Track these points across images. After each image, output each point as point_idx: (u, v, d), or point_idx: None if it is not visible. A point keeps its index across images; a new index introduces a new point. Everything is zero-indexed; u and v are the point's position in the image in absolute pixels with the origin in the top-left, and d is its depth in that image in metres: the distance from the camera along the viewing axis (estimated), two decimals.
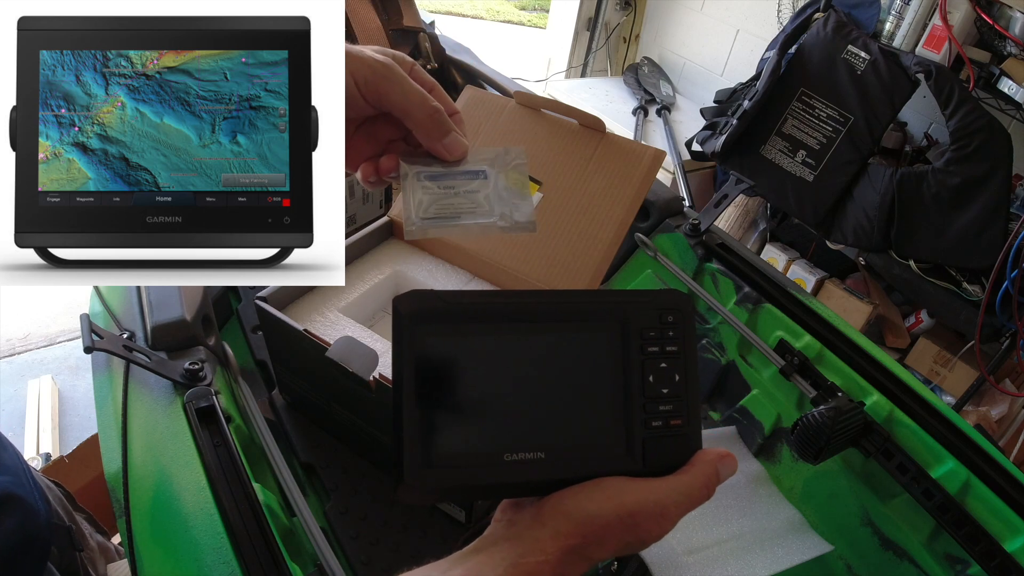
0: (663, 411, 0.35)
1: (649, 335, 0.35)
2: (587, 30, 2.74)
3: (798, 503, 0.78)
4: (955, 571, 0.69)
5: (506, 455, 0.32)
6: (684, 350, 0.35)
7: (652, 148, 0.74)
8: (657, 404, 0.34)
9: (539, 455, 0.33)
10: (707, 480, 0.35)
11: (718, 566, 0.60)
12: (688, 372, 0.35)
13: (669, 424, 0.34)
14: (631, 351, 0.35)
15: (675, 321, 0.36)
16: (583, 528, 0.31)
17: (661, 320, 0.35)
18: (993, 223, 1.46)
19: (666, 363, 0.35)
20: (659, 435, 0.34)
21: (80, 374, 1.79)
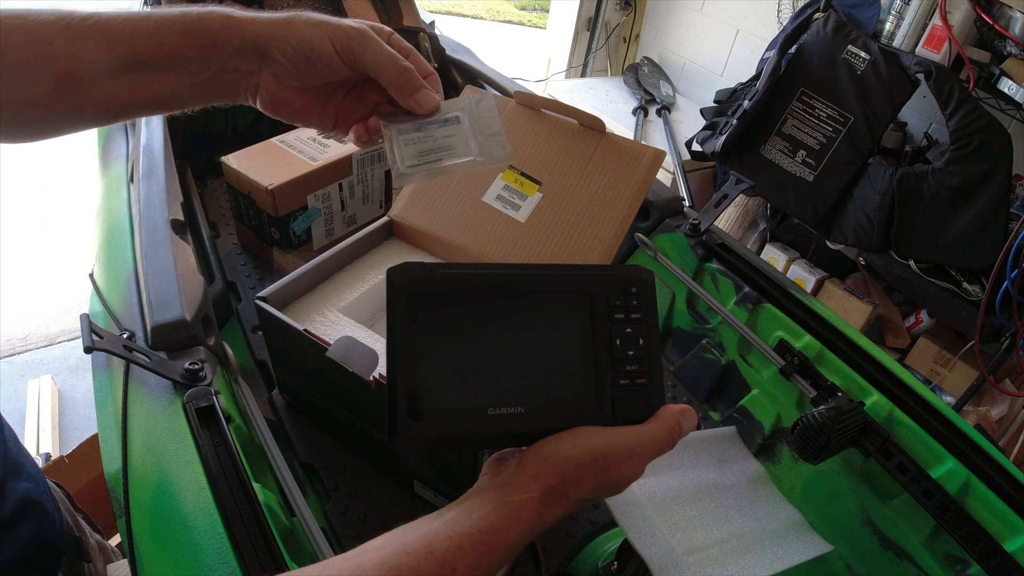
0: (629, 371, 0.39)
1: (615, 303, 0.40)
2: (587, 30, 2.74)
3: (798, 503, 0.78)
4: (955, 571, 0.69)
5: (489, 409, 0.36)
6: (646, 318, 0.40)
7: (652, 148, 0.74)
8: (624, 364, 0.39)
9: (519, 409, 0.37)
10: (670, 429, 0.38)
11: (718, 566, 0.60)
12: (650, 337, 0.40)
13: (635, 382, 0.39)
14: (599, 318, 0.39)
15: (638, 292, 0.40)
16: (561, 468, 0.35)
17: (626, 291, 0.40)
18: (993, 223, 1.46)
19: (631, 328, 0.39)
20: (626, 392, 0.38)
21: (80, 374, 1.79)
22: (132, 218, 0.82)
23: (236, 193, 0.95)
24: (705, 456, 0.76)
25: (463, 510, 0.34)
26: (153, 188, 0.84)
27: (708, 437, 0.80)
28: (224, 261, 0.98)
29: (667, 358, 0.99)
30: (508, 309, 0.38)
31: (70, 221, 2.29)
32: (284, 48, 0.43)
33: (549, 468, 0.35)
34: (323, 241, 1.02)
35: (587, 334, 0.39)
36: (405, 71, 0.44)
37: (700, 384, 0.93)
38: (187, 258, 0.75)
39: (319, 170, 0.94)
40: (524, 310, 0.38)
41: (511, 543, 0.33)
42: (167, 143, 0.94)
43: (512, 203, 0.75)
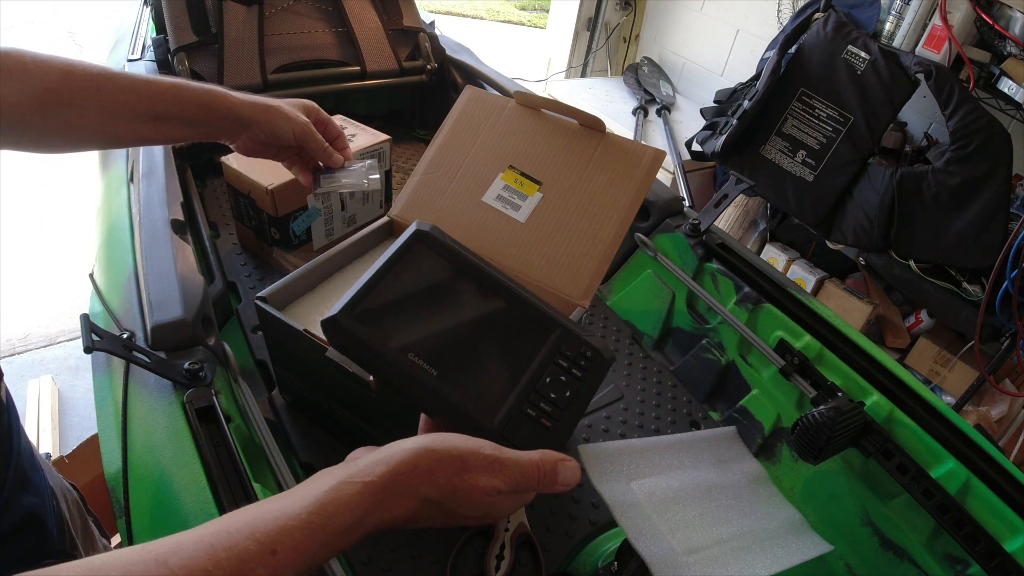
0: (542, 407, 0.41)
1: (566, 353, 0.43)
2: (587, 30, 2.74)
3: (798, 503, 0.78)
4: (955, 571, 0.69)
5: (411, 353, 0.39)
6: (583, 385, 0.43)
7: (652, 148, 0.74)
8: (540, 399, 0.41)
9: (432, 371, 0.39)
10: (540, 466, 0.37)
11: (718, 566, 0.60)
12: (578, 399, 0.42)
13: (540, 420, 0.40)
14: (547, 354, 0.42)
15: (592, 360, 0.43)
16: (416, 458, 0.34)
17: (581, 351, 0.43)
18: (993, 223, 1.46)
19: (565, 379, 0.42)
20: (527, 420, 0.40)
21: (80, 374, 1.79)
22: (132, 218, 0.82)
23: (236, 193, 0.95)
24: (705, 456, 0.76)
25: (301, 489, 0.33)
26: (153, 188, 0.84)
27: (708, 437, 0.80)
28: (224, 261, 0.98)
29: (667, 358, 0.99)
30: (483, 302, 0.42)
31: (70, 221, 2.29)
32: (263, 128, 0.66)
33: (404, 455, 0.34)
34: (323, 241, 1.02)
35: (530, 359, 0.41)
36: (325, 149, 0.72)
37: (700, 384, 0.93)
38: (187, 258, 0.74)
39: None
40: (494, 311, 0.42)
41: (341, 528, 0.31)
42: None
43: (512, 203, 0.75)
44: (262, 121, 0.65)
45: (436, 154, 0.79)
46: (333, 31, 1.33)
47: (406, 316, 0.41)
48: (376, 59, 1.35)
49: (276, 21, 1.27)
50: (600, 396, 0.90)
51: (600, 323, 1.02)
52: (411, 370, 0.39)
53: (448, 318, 0.41)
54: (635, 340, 1.00)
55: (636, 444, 0.69)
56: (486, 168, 0.77)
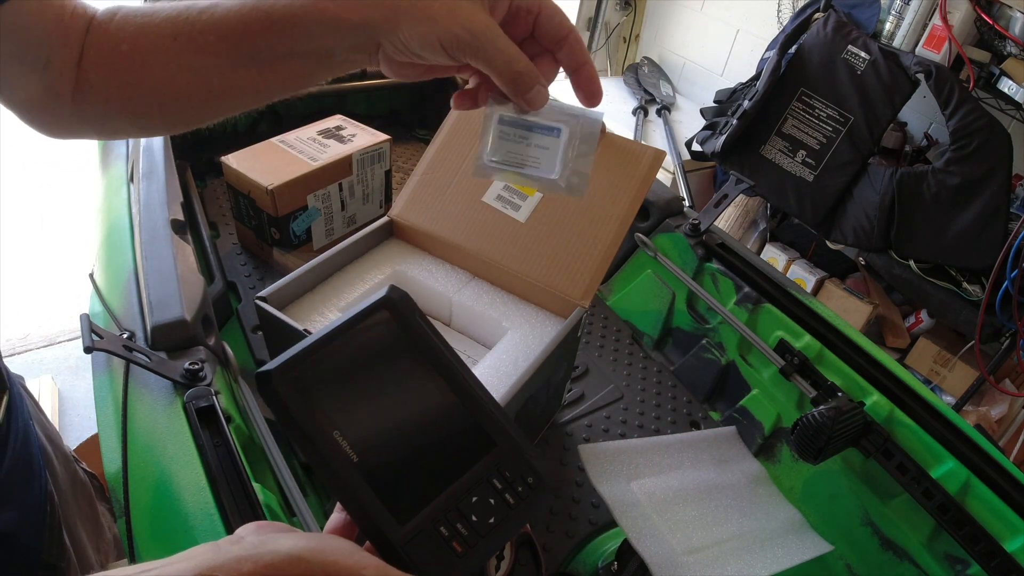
0: (457, 529, 0.36)
1: (504, 474, 0.38)
2: (587, 30, 2.74)
3: (798, 503, 0.78)
4: (955, 571, 0.69)
5: (336, 432, 0.35)
6: (517, 512, 0.37)
7: (652, 148, 0.74)
8: (457, 520, 0.36)
9: (353, 456, 0.35)
10: None
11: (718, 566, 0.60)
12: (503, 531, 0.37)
13: (451, 542, 0.35)
14: (485, 469, 0.37)
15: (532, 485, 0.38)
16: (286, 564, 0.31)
17: (523, 474, 0.38)
18: (993, 223, 1.46)
19: (494, 502, 0.37)
20: (436, 540, 0.35)
21: (80, 374, 1.79)
22: (132, 218, 0.82)
23: (236, 193, 0.95)
24: (705, 456, 0.76)
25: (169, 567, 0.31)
26: (153, 188, 0.84)
27: (708, 437, 0.80)
28: (224, 261, 0.98)
29: (667, 358, 0.99)
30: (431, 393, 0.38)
31: (70, 221, 2.29)
32: (394, 43, 0.41)
33: (275, 560, 0.31)
34: (323, 241, 1.02)
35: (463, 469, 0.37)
36: (517, 75, 0.42)
37: (700, 384, 0.93)
38: (187, 258, 0.75)
39: (319, 170, 0.94)
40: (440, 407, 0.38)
41: None
42: (167, 143, 0.94)
43: (512, 203, 0.75)
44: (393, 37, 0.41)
45: (436, 154, 0.79)
46: None
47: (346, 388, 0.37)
48: None
49: None
50: (600, 396, 0.90)
51: (600, 323, 1.02)
52: (331, 450, 0.35)
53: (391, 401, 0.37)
54: (635, 340, 1.00)
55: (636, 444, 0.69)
56: None
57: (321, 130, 1.02)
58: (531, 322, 0.73)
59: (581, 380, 0.91)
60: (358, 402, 0.36)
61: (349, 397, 0.36)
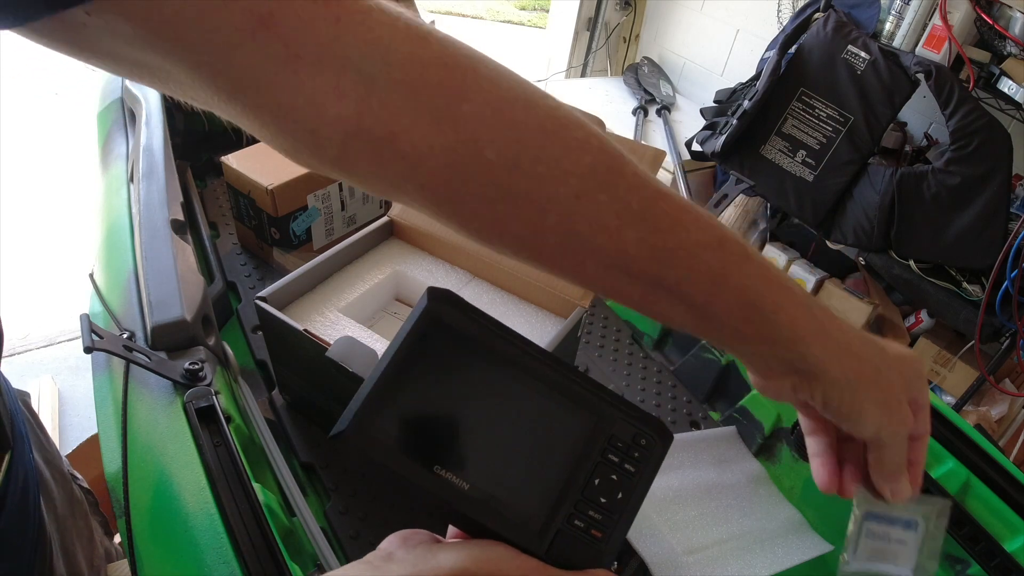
0: (591, 516, 0.35)
1: (616, 444, 0.36)
2: (587, 30, 2.74)
3: (798, 503, 0.78)
4: (955, 571, 0.69)
5: (436, 467, 0.33)
6: (640, 477, 0.36)
7: (652, 148, 0.74)
8: (588, 507, 0.35)
9: (463, 485, 0.33)
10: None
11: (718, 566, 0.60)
12: (634, 498, 0.36)
13: (589, 531, 0.35)
14: (593, 448, 0.36)
15: (647, 446, 0.37)
16: (440, 571, 0.30)
17: (635, 439, 0.36)
18: (993, 223, 1.46)
19: (616, 476, 0.36)
20: (574, 535, 0.34)
21: (80, 374, 1.79)
22: (132, 218, 0.82)
23: (236, 193, 0.95)
24: (705, 456, 0.76)
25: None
26: (153, 188, 0.84)
27: (708, 437, 0.80)
28: (224, 261, 0.98)
29: (667, 358, 0.99)
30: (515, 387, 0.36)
31: (70, 221, 2.29)
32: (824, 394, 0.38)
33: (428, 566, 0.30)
34: (323, 241, 1.02)
35: (572, 457, 0.35)
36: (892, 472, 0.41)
37: (700, 384, 0.93)
38: (187, 258, 0.75)
39: None
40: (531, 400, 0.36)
41: None
42: (167, 143, 0.94)
43: None
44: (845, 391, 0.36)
45: None
46: None
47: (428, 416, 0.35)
48: None
49: None
50: None
51: (600, 323, 1.02)
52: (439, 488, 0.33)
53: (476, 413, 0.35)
54: (635, 340, 1.00)
55: None
56: None
57: None
58: (531, 322, 0.73)
59: None
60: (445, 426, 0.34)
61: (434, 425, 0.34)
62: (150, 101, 1.04)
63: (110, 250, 0.80)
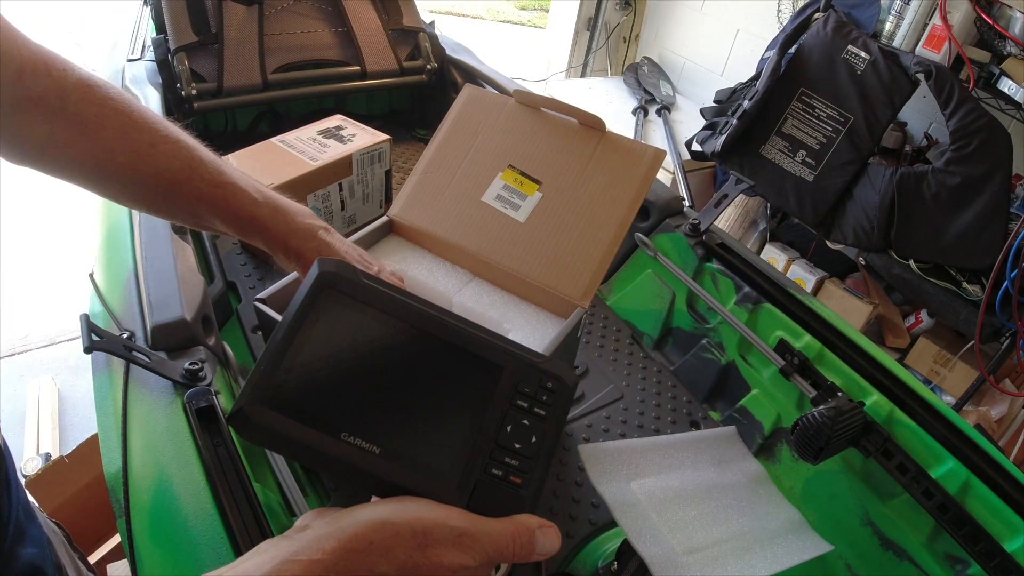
0: (507, 463, 0.35)
1: (524, 390, 0.37)
2: (587, 30, 2.74)
3: (798, 503, 0.78)
4: (955, 571, 0.69)
5: (344, 433, 0.33)
6: (551, 420, 0.37)
7: (652, 147, 0.74)
8: (504, 454, 0.35)
9: (374, 449, 0.33)
10: (517, 535, 0.33)
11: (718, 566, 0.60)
12: (546, 440, 0.36)
13: (508, 478, 0.35)
14: (500, 398, 0.36)
15: (554, 390, 0.37)
16: (371, 532, 0.30)
17: (540, 383, 0.37)
18: (993, 223, 1.46)
19: (528, 422, 0.36)
20: (493, 483, 0.35)
21: (80, 374, 1.79)
22: (132, 218, 0.82)
23: None
24: (705, 456, 0.76)
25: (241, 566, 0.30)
26: None
27: (708, 437, 0.80)
28: (224, 261, 0.98)
29: (667, 358, 0.99)
30: (416, 348, 0.36)
31: (70, 221, 2.29)
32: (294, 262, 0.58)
33: (358, 528, 0.30)
34: None
35: (482, 409, 0.35)
36: None
37: (700, 384, 0.93)
38: (187, 258, 0.75)
39: (319, 170, 0.94)
40: (431, 357, 0.36)
41: None
42: None
43: (512, 203, 0.75)
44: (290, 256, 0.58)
45: (435, 153, 0.79)
46: (333, 31, 1.33)
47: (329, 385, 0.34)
48: (376, 59, 1.35)
49: (276, 21, 1.27)
50: (600, 396, 0.90)
51: (600, 323, 1.02)
52: (349, 454, 0.33)
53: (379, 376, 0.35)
54: (635, 340, 1.00)
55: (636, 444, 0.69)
56: (485, 167, 0.77)
57: (321, 130, 1.02)
58: (532, 323, 0.73)
59: (581, 380, 0.91)
60: (349, 392, 0.34)
61: (337, 392, 0.34)
62: (150, 101, 1.04)
63: (110, 250, 0.80)
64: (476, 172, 0.77)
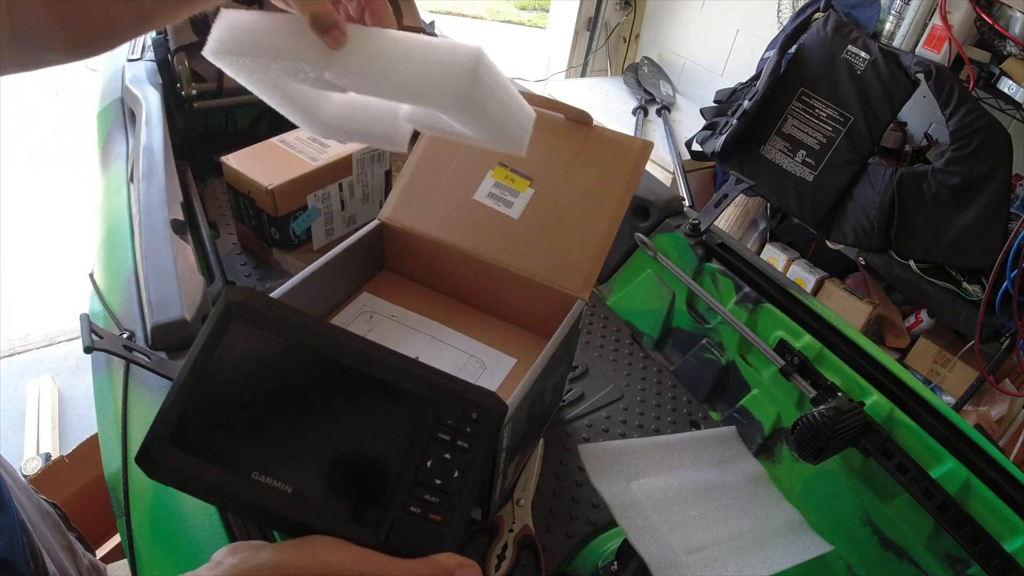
0: (427, 500, 0.34)
1: (446, 422, 0.35)
2: (587, 30, 2.74)
3: (798, 503, 0.78)
4: (955, 571, 0.69)
5: (255, 473, 0.32)
6: (475, 452, 0.35)
7: (640, 139, 0.74)
8: (423, 491, 0.34)
9: (286, 488, 0.32)
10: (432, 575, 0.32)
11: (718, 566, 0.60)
12: (470, 475, 0.35)
13: (427, 516, 0.33)
14: (422, 431, 0.34)
15: (479, 420, 0.35)
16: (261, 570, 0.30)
17: (464, 414, 0.35)
18: (993, 223, 1.46)
19: (450, 455, 0.34)
20: (412, 521, 0.33)
21: (80, 374, 1.79)
22: (132, 218, 0.82)
23: (236, 193, 0.95)
24: (705, 456, 0.76)
25: None
26: (153, 188, 0.84)
27: (708, 437, 0.80)
28: (224, 261, 0.98)
29: (667, 358, 0.99)
30: (330, 381, 0.34)
31: (70, 221, 2.29)
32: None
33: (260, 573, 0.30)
34: (323, 241, 1.02)
35: (400, 443, 0.34)
36: None
37: (700, 384, 0.93)
38: (187, 258, 0.75)
39: (319, 170, 0.94)
40: (347, 389, 0.34)
41: None
42: (167, 143, 0.94)
43: (504, 200, 0.75)
44: None
45: (422, 155, 0.79)
46: None
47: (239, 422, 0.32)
48: None
49: None
50: (600, 396, 0.90)
51: (600, 323, 1.02)
52: (260, 495, 0.31)
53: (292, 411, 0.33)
54: (635, 340, 1.00)
55: (636, 444, 0.69)
56: (475, 166, 0.77)
57: None
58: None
59: (581, 380, 0.91)
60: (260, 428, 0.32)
61: (247, 428, 0.32)
62: (150, 101, 1.04)
63: (110, 250, 0.80)
64: (466, 171, 0.77)
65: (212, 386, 0.32)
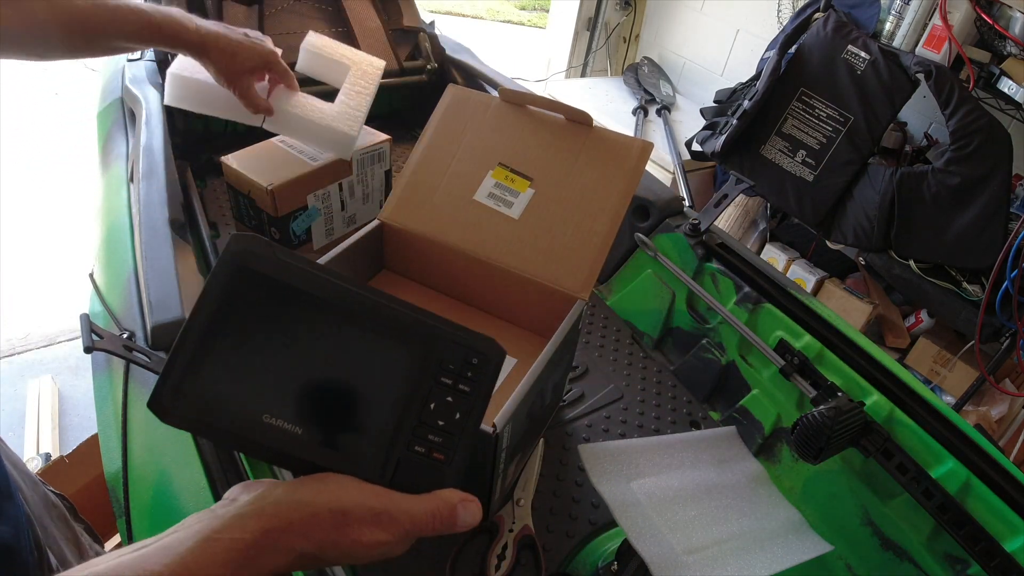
0: (430, 440, 0.35)
1: (448, 367, 0.36)
2: (587, 30, 2.74)
3: (798, 503, 0.78)
4: (955, 571, 0.69)
5: (265, 416, 0.33)
6: (475, 395, 0.36)
7: (640, 140, 0.74)
8: (427, 431, 0.35)
9: (296, 430, 0.33)
10: (438, 511, 0.34)
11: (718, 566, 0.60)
12: (470, 417, 0.36)
13: (431, 454, 0.35)
14: (424, 374, 0.36)
15: (479, 365, 0.37)
16: (290, 513, 0.31)
17: (465, 359, 0.37)
18: (993, 223, 1.46)
19: (452, 398, 0.36)
20: (416, 460, 0.35)
21: (80, 374, 1.79)
22: (132, 218, 0.82)
23: (236, 193, 0.95)
24: (705, 456, 0.76)
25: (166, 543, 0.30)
26: (153, 188, 0.84)
27: (708, 437, 0.80)
28: None
29: (667, 358, 0.99)
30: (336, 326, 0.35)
31: (70, 221, 2.29)
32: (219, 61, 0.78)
33: (277, 509, 0.31)
34: (323, 241, 1.02)
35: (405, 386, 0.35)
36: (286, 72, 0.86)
37: (700, 384, 0.93)
38: (187, 258, 0.75)
39: (319, 170, 0.94)
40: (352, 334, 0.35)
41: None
42: (167, 143, 0.94)
43: (504, 200, 0.75)
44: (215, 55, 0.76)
45: (423, 155, 0.79)
46: (333, 31, 1.33)
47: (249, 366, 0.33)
48: None
49: (276, 21, 1.27)
50: (600, 396, 0.90)
51: (600, 323, 1.02)
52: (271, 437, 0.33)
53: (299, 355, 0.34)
54: (635, 340, 1.00)
55: (636, 444, 0.69)
56: (475, 166, 0.77)
57: None
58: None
59: (581, 380, 0.92)
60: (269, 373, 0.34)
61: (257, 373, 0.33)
62: (150, 101, 1.04)
63: (110, 250, 0.81)
64: (466, 171, 0.77)
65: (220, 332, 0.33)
